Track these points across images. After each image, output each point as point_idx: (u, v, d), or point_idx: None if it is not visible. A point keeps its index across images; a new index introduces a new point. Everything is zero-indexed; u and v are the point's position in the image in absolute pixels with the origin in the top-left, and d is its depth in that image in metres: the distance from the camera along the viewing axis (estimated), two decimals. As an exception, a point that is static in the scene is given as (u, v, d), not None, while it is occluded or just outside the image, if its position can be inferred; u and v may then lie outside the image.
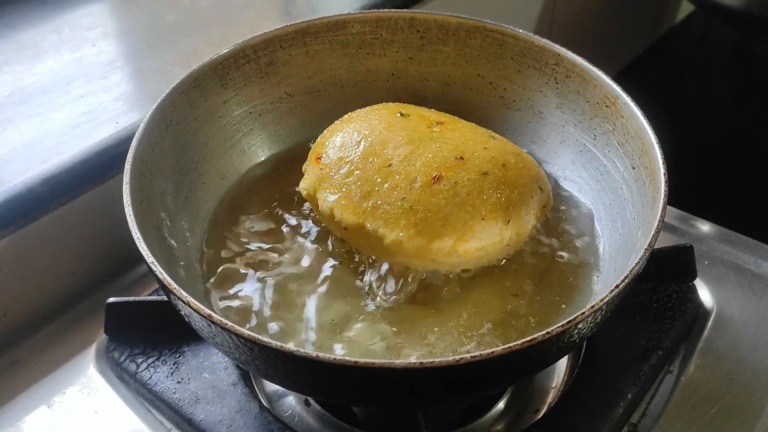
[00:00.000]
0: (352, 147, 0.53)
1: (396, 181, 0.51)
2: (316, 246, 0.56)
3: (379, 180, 0.51)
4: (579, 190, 0.60)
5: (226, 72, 0.60)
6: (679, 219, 0.71)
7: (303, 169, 0.56)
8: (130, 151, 0.50)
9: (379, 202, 0.50)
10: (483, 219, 0.50)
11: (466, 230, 0.49)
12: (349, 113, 0.58)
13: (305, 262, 0.54)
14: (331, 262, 0.54)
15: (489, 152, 0.53)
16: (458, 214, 0.49)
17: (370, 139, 0.53)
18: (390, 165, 0.51)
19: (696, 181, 0.90)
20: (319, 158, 0.54)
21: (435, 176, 0.50)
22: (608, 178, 0.57)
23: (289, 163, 0.63)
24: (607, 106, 0.57)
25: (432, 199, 0.50)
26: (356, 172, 0.52)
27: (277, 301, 0.52)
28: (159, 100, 0.54)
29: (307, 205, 0.59)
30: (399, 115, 0.56)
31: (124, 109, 0.68)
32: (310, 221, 0.58)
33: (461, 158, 0.51)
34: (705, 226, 0.70)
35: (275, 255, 0.55)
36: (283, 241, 0.56)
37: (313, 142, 0.58)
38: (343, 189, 0.52)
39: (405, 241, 0.49)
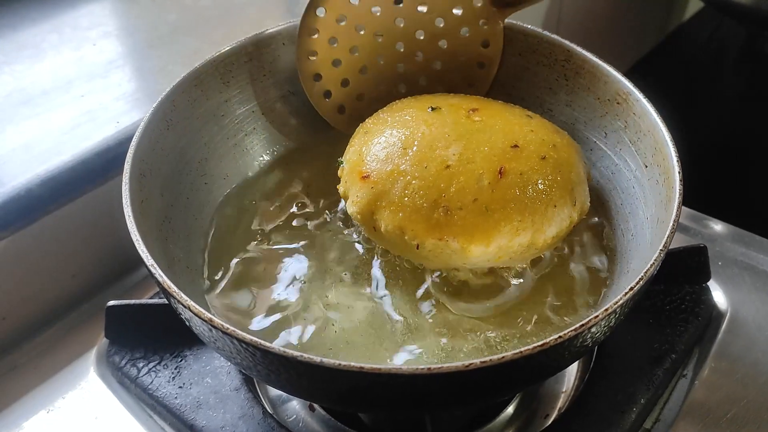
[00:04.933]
0: (399, 155, 0.50)
1: (462, 183, 0.48)
2: (321, 246, 0.54)
3: (443, 185, 0.48)
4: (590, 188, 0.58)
5: (227, 70, 0.59)
6: (691, 219, 0.70)
7: (342, 192, 0.53)
8: (129, 151, 0.49)
9: (450, 210, 0.47)
10: (555, 206, 0.49)
11: (544, 221, 0.48)
12: (371, 119, 0.55)
13: (311, 264, 0.53)
14: (338, 261, 0.53)
15: (537, 135, 0.51)
16: (534, 206, 0.48)
17: (416, 143, 0.50)
18: (449, 166, 0.48)
19: (708, 179, 0.88)
20: (366, 176, 0.50)
21: (500, 170, 0.48)
22: (620, 177, 0.55)
23: (292, 163, 0.62)
24: (618, 103, 0.56)
25: (504, 196, 0.48)
26: (414, 182, 0.48)
27: (282, 305, 0.51)
28: (159, 99, 0.53)
29: (311, 204, 0.58)
30: (429, 110, 0.53)
31: (124, 108, 0.67)
32: (314, 222, 0.57)
33: (516, 146, 0.50)
34: (718, 226, 0.69)
35: (279, 257, 0.54)
36: (287, 242, 0.55)
37: (342, 160, 0.54)
38: (407, 202, 0.48)
39: (486, 246, 0.47)
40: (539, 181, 0.49)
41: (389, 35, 0.60)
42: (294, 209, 0.58)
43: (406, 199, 0.48)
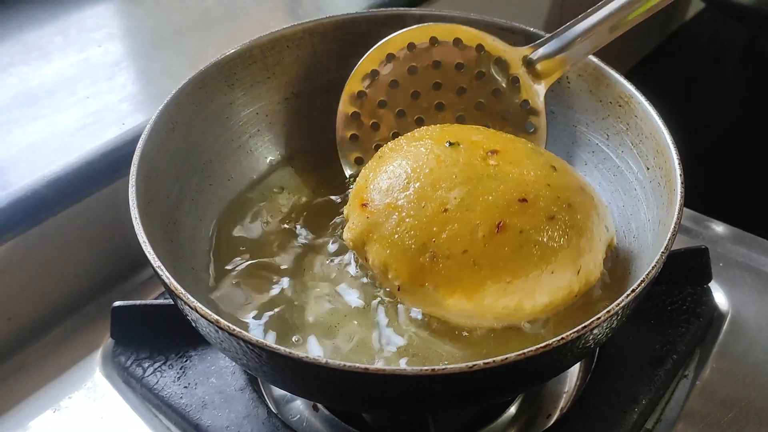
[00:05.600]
0: (400, 190, 0.48)
1: (455, 231, 0.45)
2: (326, 250, 0.55)
3: (435, 229, 0.46)
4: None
5: (232, 72, 0.59)
6: (693, 220, 0.70)
7: (345, 214, 0.53)
8: (135, 153, 0.49)
9: (437, 257, 0.45)
10: (553, 272, 0.45)
11: (536, 286, 0.46)
12: (391, 143, 0.54)
13: (316, 267, 0.53)
14: (343, 271, 0.53)
15: (553, 191, 0.47)
16: (526, 268, 0.45)
17: (420, 180, 0.48)
18: (446, 210, 0.46)
19: (709, 181, 0.88)
20: (365, 204, 0.49)
21: (498, 224, 0.45)
22: (621, 179, 0.56)
23: (296, 165, 0.62)
24: (620, 106, 0.56)
25: (497, 253, 0.45)
26: (408, 220, 0.46)
27: (285, 307, 0.51)
28: (165, 102, 0.54)
29: (316, 206, 0.58)
30: (447, 144, 0.50)
31: (130, 110, 0.67)
32: (321, 222, 0.57)
33: (524, 200, 0.46)
34: (719, 228, 0.69)
35: (283, 259, 0.54)
36: (292, 245, 0.55)
37: (353, 182, 0.53)
38: (396, 240, 0.46)
39: (467, 301, 0.45)
40: (539, 243, 0.45)
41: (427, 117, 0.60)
42: (297, 211, 0.58)
43: (396, 236, 0.46)
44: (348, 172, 0.60)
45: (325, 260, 0.54)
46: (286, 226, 0.57)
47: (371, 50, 0.58)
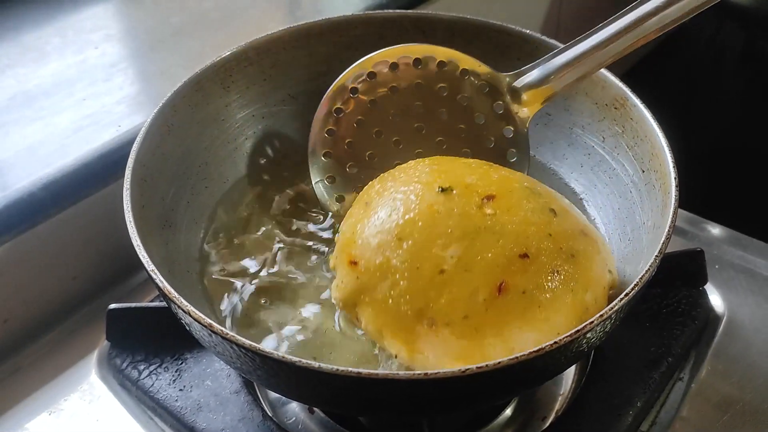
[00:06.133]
0: (392, 247, 0.44)
1: (454, 295, 0.42)
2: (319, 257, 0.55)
3: (432, 294, 0.43)
4: (587, 193, 0.59)
5: (228, 74, 0.59)
6: (689, 222, 0.70)
7: (331, 264, 0.49)
8: (130, 155, 0.49)
9: (436, 324, 0.42)
10: (558, 333, 0.41)
11: (539, 341, 0.42)
12: (378, 185, 0.50)
13: (310, 271, 0.54)
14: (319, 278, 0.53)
15: (555, 242, 0.45)
16: (530, 330, 0.43)
17: (413, 236, 0.44)
18: (443, 271, 0.43)
19: (706, 183, 0.88)
20: (354, 262, 0.45)
21: (500, 285, 0.42)
22: (617, 181, 0.56)
23: (293, 167, 0.62)
24: (616, 108, 0.56)
25: (500, 318, 0.42)
26: (402, 283, 0.43)
27: (281, 310, 0.51)
28: (160, 104, 0.54)
29: (313, 210, 0.58)
30: (439, 190, 0.46)
31: (126, 112, 0.67)
32: (317, 226, 0.57)
33: (525, 256, 0.43)
34: (715, 229, 0.69)
35: (280, 262, 0.54)
36: (288, 247, 0.56)
37: (338, 225, 0.50)
38: (390, 305, 0.43)
39: (469, 363, 0.40)
40: (543, 303, 0.43)
41: (408, 139, 0.58)
42: (292, 215, 0.58)
43: (390, 301, 0.43)
44: (317, 191, 0.57)
45: (319, 269, 0.54)
46: (281, 230, 0.57)
47: (350, 67, 0.57)
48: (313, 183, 0.58)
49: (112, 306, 0.57)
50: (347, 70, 0.57)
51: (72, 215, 0.61)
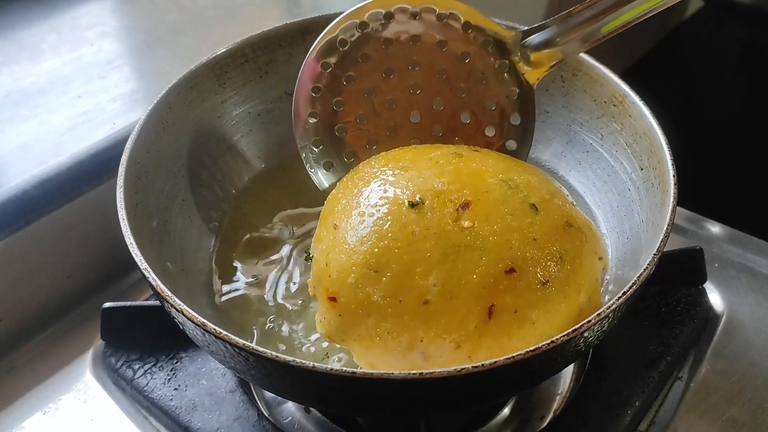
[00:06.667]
0: (371, 282, 0.41)
1: (442, 326, 0.40)
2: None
3: (420, 328, 0.40)
4: (585, 191, 0.58)
5: (224, 72, 0.58)
6: (688, 220, 0.69)
7: (311, 291, 0.47)
8: (124, 153, 0.49)
9: (429, 357, 0.40)
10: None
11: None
12: (339, 198, 0.46)
13: (306, 272, 0.53)
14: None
15: (541, 246, 0.42)
16: (527, 344, 0.39)
17: (391, 267, 0.41)
18: (427, 302, 0.40)
19: (706, 181, 0.88)
20: (333, 299, 0.43)
21: (489, 308, 0.40)
22: (615, 179, 0.55)
23: (289, 165, 0.61)
24: (614, 105, 0.55)
25: (494, 342, 0.40)
26: (387, 319, 0.41)
27: (276, 307, 0.51)
28: (155, 101, 0.53)
29: (312, 207, 0.58)
30: (408, 206, 0.43)
31: (122, 109, 0.67)
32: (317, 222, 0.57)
33: (512, 270, 0.41)
34: (715, 228, 0.69)
35: (274, 259, 0.54)
36: (282, 244, 0.55)
37: (310, 254, 0.46)
38: (378, 342, 0.41)
39: None
40: (536, 320, 0.41)
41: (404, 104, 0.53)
42: (291, 213, 0.58)
43: (378, 338, 0.41)
44: (305, 160, 0.53)
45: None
46: (277, 228, 0.57)
47: (340, 17, 0.52)
48: (299, 148, 0.53)
49: (107, 305, 0.57)
50: (337, 19, 0.52)
51: (67, 213, 0.60)
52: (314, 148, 0.52)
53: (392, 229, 0.42)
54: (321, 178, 0.55)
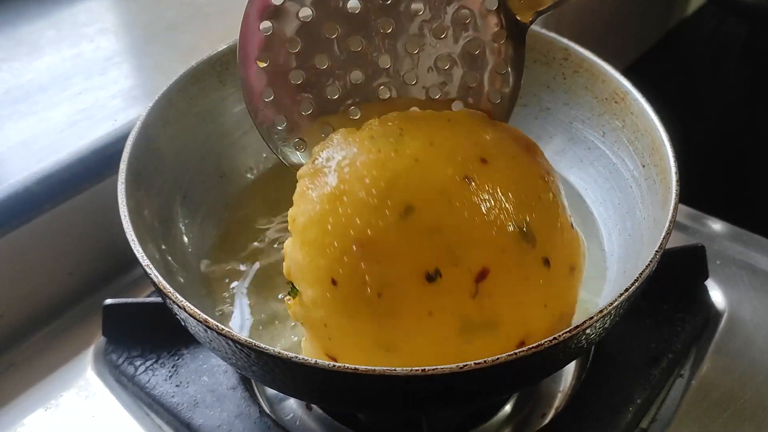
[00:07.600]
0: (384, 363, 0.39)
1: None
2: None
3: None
4: (587, 188, 0.58)
5: (225, 68, 0.58)
6: (690, 217, 0.69)
7: (292, 314, 0.45)
8: (125, 150, 0.49)
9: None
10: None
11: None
12: (325, 224, 0.41)
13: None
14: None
15: (551, 313, 0.42)
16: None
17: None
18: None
19: (707, 178, 0.88)
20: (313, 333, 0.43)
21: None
22: (617, 176, 0.55)
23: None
24: (616, 102, 0.55)
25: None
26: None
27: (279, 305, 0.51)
28: (156, 98, 0.53)
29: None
30: (426, 279, 0.40)
31: (122, 106, 0.67)
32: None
33: (522, 343, 0.41)
34: (717, 225, 0.69)
35: (276, 258, 0.54)
36: (283, 243, 0.55)
37: (291, 287, 0.43)
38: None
39: None
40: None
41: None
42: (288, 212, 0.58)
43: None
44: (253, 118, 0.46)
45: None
46: (279, 226, 0.57)
47: None
48: (246, 104, 0.45)
49: (108, 301, 0.57)
50: None
51: (67, 210, 0.60)
52: (265, 101, 0.45)
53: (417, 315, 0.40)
54: (296, 159, 0.47)
